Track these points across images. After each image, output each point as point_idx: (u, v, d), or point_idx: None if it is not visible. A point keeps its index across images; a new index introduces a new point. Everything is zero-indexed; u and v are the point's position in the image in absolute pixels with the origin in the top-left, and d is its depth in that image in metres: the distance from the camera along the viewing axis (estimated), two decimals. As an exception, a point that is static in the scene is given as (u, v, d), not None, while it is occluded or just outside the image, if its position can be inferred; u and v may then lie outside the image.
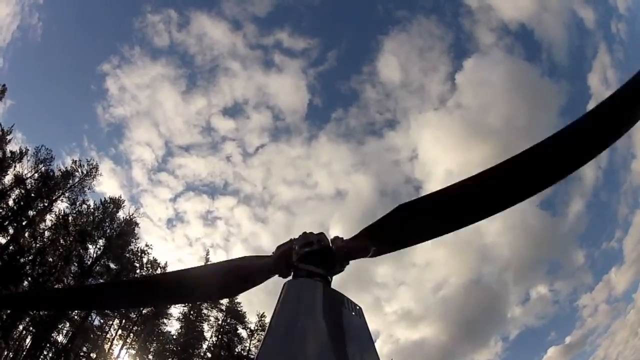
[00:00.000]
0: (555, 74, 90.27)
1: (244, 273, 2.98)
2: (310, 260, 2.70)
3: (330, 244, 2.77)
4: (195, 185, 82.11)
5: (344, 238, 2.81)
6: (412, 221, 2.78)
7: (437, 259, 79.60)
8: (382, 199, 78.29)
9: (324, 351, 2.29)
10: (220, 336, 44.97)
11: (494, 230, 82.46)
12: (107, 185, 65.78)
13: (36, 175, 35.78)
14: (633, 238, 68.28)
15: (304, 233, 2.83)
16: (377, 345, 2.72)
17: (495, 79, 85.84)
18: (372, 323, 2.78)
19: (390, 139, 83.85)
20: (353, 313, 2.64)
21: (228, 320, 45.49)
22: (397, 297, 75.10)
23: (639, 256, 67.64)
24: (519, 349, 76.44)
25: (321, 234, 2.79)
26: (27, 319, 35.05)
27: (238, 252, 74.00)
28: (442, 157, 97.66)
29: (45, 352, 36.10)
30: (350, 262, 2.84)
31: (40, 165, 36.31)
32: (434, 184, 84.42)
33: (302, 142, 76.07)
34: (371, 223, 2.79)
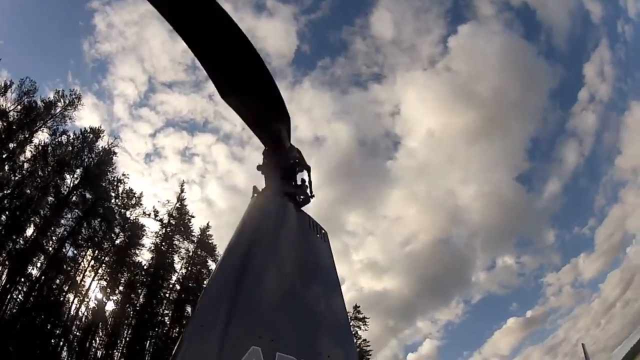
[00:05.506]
0: (552, 56, 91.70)
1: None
2: (285, 175, 3.09)
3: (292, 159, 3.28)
4: (176, 121, 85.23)
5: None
6: None
7: (408, 214, 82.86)
8: (360, 149, 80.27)
9: (286, 266, 2.38)
10: (190, 268, 45.65)
11: (468, 194, 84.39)
12: (88, 119, 66.52)
13: (19, 107, 31.11)
14: (607, 230, 69.19)
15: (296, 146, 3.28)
16: (342, 290, 3.00)
17: (490, 50, 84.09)
18: (339, 269, 3.06)
19: (374, 92, 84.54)
20: (318, 235, 2.82)
21: (199, 252, 45.55)
22: (365, 247, 76.58)
23: (610, 248, 69.74)
24: (480, 313, 79.05)
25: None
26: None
27: (213, 189, 74.78)
28: (424, 116, 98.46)
29: (19, 288, 34.02)
30: (321, 209, 3.02)
31: (24, 97, 33.84)
32: (413, 142, 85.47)
33: (286, 86, 73.37)
34: None
